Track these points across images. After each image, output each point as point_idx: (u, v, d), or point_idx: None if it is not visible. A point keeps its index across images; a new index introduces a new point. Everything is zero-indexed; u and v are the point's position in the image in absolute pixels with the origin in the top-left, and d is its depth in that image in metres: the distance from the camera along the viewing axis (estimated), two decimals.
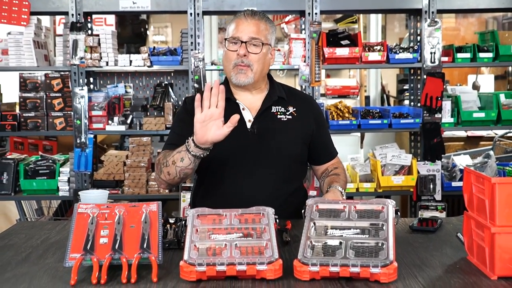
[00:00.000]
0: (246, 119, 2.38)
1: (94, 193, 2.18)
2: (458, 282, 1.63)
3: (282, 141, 2.38)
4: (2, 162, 4.20)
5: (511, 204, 1.62)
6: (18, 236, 2.16)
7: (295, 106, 2.46)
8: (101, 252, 1.71)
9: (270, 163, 2.36)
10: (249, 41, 2.33)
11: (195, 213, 1.82)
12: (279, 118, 2.41)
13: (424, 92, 4.15)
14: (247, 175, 2.35)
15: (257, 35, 2.34)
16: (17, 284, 1.65)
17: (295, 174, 2.47)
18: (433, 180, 4.12)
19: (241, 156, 2.35)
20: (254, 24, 2.35)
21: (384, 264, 1.60)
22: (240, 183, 2.34)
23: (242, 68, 2.33)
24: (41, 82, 4.30)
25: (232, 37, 2.34)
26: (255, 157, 2.35)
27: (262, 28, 2.36)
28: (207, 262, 1.62)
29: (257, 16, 2.37)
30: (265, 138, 2.36)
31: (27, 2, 4.12)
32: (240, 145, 2.34)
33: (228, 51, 2.35)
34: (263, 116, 2.40)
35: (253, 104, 2.42)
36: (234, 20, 2.39)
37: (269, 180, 2.36)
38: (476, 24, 9.66)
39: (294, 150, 2.42)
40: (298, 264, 1.64)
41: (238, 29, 2.34)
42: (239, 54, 2.32)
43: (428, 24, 4.13)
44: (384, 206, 1.79)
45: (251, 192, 2.32)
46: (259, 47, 2.34)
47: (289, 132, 2.40)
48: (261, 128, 2.37)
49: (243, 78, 2.34)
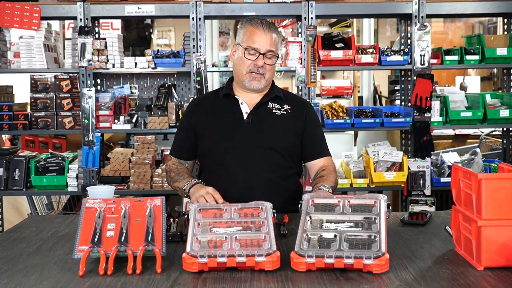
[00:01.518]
0: (243, 111, 2.47)
1: (101, 189, 2.18)
2: (447, 272, 1.63)
3: (274, 132, 2.44)
4: (14, 159, 4.19)
5: (497, 199, 1.62)
6: (29, 229, 2.16)
7: (291, 105, 2.53)
8: (108, 244, 1.71)
9: (263, 150, 2.42)
10: (266, 53, 2.40)
11: (197, 208, 1.82)
12: (274, 112, 2.48)
13: (414, 93, 4.14)
14: (243, 162, 2.40)
15: (272, 48, 2.42)
16: (28, 274, 1.65)
17: (287, 164, 2.48)
18: (423, 176, 4.11)
19: (237, 145, 2.42)
20: (271, 37, 2.42)
21: (376, 256, 1.60)
22: (236, 169, 2.40)
23: (256, 76, 2.42)
24: (51, 83, 4.29)
25: (251, 47, 2.40)
26: (250, 145, 2.41)
27: (275, 40, 2.44)
28: (208, 254, 1.62)
29: (272, 28, 2.44)
30: (259, 128, 2.43)
31: (38, 7, 4.11)
32: (236, 135, 2.43)
33: (245, 58, 2.41)
34: (259, 109, 2.47)
35: (252, 100, 2.49)
36: (248, 28, 2.44)
37: (263, 166, 2.41)
38: (463, 28, 9.66)
39: (287, 142, 2.46)
40: (295, 256, 1.64)
41: (256, 40, 2.40)
42: (257, 64, 2.40)
43: (418, 28, 4.12)
44: (376, 200, 1.79)
45: (246, 179, 2.38)
46: (274, 58, 2.44)
47: (283, 125, 2.46)
48: (256, 118, 2.45)
49: (257, 84, 2.43)
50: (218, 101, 2.52)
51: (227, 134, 2.43)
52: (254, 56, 2.40)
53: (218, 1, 4.12)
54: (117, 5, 4.14)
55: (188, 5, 4.10)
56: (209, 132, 2.47)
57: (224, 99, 2.51)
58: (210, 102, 2.55)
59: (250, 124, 2.44)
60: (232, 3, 4.14)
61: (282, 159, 2.45)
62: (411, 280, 1.57)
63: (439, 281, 1.56)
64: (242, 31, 2.45)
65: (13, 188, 4.17)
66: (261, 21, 2.44)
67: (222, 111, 2.49)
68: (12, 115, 4.21)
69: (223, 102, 2.51)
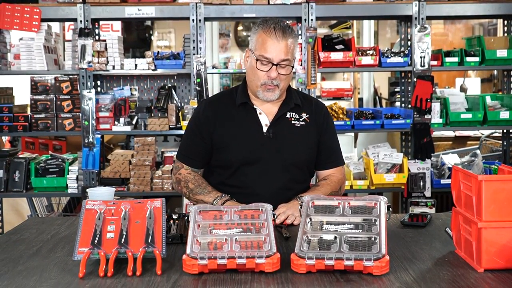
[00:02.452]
0: (262, 123, 2.36)
1: (101, 190, 2.18)
2: (447, 274, 1.63)
3: (295, 146, 2.36)
4: (14, 161, 4.20)
5: (497, 200, 1.62)
6: (29, 231, 2.16)
7: (308, 112, 2.42)
8: (108, 246, 1.71)
9: (283, 165, 2.34)
10: (280, 63, 2.24)
11: (197, 209, 1.82)
12: (293, 123, 2.38)
13: (415, 94, 4.15)
14: (261, 177, 2.33)
15: (287, 56, 2.24)
16: (28, 276, 1.65)
17: (305, 176, 2.45)
18: (423, 178, 4.12)
19: (256, 158, 2.33)
20: (284, 44, 2.23)
21: (376, 258, 1.59)
22: (254, 184, 2.33)
23: (271, 88, 2.27)
24: (51, 85, 4.29)
25: (263, 56, 2.24)
26: (271, 161, 2.33)
27: (290, 47, 2.26)
28: (208, 255, 1.62)
29: (287, 33, 2.25)
30: (280, 142, 2.34)
31: (38, 9, 4.12)
32: (256, 149, 2.33)
33: (258, 70, 2.26)
34: (279, 121, 2.36)
35: (270, 110, 2.38)
36: (261, 34, 2.26)
37: (281, 182, 2.34)
38: (463, 30, 9.66)
39: (306, 155, 2.40)
40: (295, 257, 1.64)
41: (269, 50, 2.23)
42: (270, 76, 2.24)
43: (418, 30, 4.12)
44: (376, 202, 1.79)
45: (263, 194, 2.28)
46: (289, 68, 2.28)
47: (302, 138, 2.38)
48: (277, 132, 2.35)
49: (271, 95, 2.30)
50: (235, 110, 2.38)
51: (247, 147, 2.33)
52: (267, 66, 2.24)
53: (218, 3, 4.13)
54: (117, 6, 4.14)
55: (188, 6, 4.10)
56: (228, 144, 2.35)
57: (242, 107, 2.37)
58: (227, 110, 2.39)
59: (270, 139, 2.33)
60: (232, 5, 4.14)
61: (300, 173, 2.40)
62: (411, 281, 1.57)
63: (439, 283, 1.56)
64: (255, 36, 2.28)
65: (13, 189, 4.18)
66: (275, 26, 2.25)
67: (241, 121, 2.36)
68: (12, 117, 4.21)
69: (240, 111, 2.37)
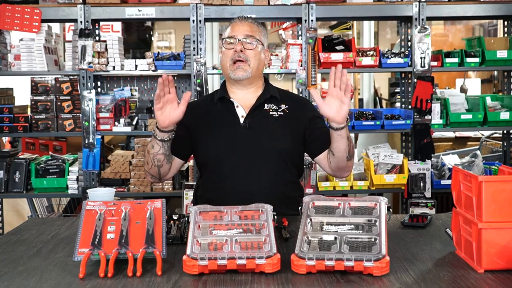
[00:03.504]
0: (239, 115, 2.40)
1: (102, 191, 2.18)
2: (447, 275, 1.63)
3: (273, 135, 2.38)
4: (15, 162, 4.20)
5: (497, 201, 1.62)
6: (29, 231, 2.16)
7: (288, 105, 2.46)
8: (108, 247, 1.71)
9: (263, 155, 2.36)
10: (245, 38, 2.39)
11: (198, 210, 1.82)
12: (271, 114, 2.41)
13: (415, 95, 4.15)
14: (241, 168, 2.34)
15: (251, 33, 2.40)
16: (28, 277, 1.65)
17: (288, 168, 2.42)
18: (423, 179, 4.12)
19: (235, 150, 2.36)
20: (248, 25, 2.43)
21: (377, 258, 1.59)
22: (236, 176, 2.34)
23: (240, 64, 2.37)
24: (52, 85, 4.29)
25: (228, 36, 2.41)
26: (249, 150, 2.35)
27: (255, 29, 2.43)
28: (208, 256, 1.62)
29: (250, 20, 2.46)
30: (257, 132, 2.37)
31: (39, 10, 4.12)
32: (234, 140, 2.37)
33: (226, 49, 2.40)
34: (256, 112, 2.41)
35: (247, 102, 2.43)
36: (229, 25, 2.47)
37: (263, 172, 2.35)
38: (464, 30, 9.67)
39: (284, 144, 2.39)
40: (295, 258, 1.64)
41: (234, 29, 2.42)
42: (236, 50, 2.36)
43: (418, 31, 4.12)
44: (377, 203, 1.79)
45: (246, 185, 2.32)
46: (255, 43, 2.40)
47: (280, 127, 2.39)
48: (253, 122, 2.38)
49: (242, 72, 2.37)
50: (213, 105, 2.45)
51: (224, 140, 2.36)
52: (233, 45, 2.39)
53: (218, 4, 4.13)
54: (118, 7, 4.14)
55: (189, 7, 4.10)
56: (206, 139, 2.39)
57: (220, 102, 2.44)
58: (205, 105, 2.49)
59: (247, 129, 2.37)
60: (233, 6, 4.14)
61: (282, 164, 2.39)
62: (412, 282, 1.57)
63: (439, 284, 1.56)
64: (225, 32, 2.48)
65: (14, 190, 4.18)
66: (242, 15, 2.51)
67: (217, 115, 2.42)
68: (13, 118, 4.21)
69: (218, 106, 2.44)
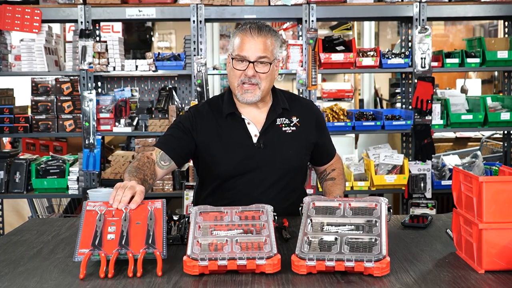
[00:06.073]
0: (252, 133, 2.30)
1: (102, 192, 2.18)
2: (448, 275, 1.63)
3: (287, 153, 2.31)
4: (15, 162, 4.20)
5: (498, 202, 1.62)
6: (30, 232, 2.16)
7: (298, 115, 2.37)
8: (108, 247, 1.71)
9: (275, 173, 2.30)
10: (257, 60, 2.18)
11: (198, 211, 1.82)
12: (284, 130, 2.32)
13: (415, 96, 4.15)
14: (254, 184, 2.29)
15: (264, 53, 2.18)
16: (29, 277, 1.65)
17: (299, 180, 2.43)
18: (423, 179, 4.11)
19: (248, 168, 2.28)
20: (261, 41, 2.18)
21: (377, 259, 1.59)
22: (248, 194, 2.27)
23: (249, 88, 2.20)
24: (52, 86, 4.30)
25: (238, 55, 2.18)
26: (262, 169, 2.29)
27: (268, 44, 2.20)
28: (209, 257, 1.62)
29: (263, 32, 2.19)
30: (272, 152, 2.29)
31: (39, 10, 4.12)
32: (247, 159, 2.28)
33: (235, 69, 2.20)
34: (268, 130, 2.31)
35: (258, 118, 2.31)
36: (238, 35, 2.21)
37: (274, 185, 2.31)
38: (464, 31, 9.66)
39: (299, 161, 2.36)
40: (296, 258, 1.64)
41: (244, 48, 2.17)
42: (247, 74, 2.18)
43: (419, 31, 4.13)
44: (377, 203, 1.79)
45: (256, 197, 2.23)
46: (267, 65, 2.20)
47: (294, 143, 2.33)
48: (267, 142, 2.29)
49: (251, 97, 2.21)
50: (223, 119, 2.31)
51: (237, 159, 2.26)
52: (243, 65, 2.17)
53: (219, 4, 4.13)
54: (118, 8, 4.14)
55: (189, 8, 4.11)
56: (217, 156, 2.28)
57: (229, 117, 2.30)
58: (213, 118, 2.32)
59: (261, 149, 2.27)
60: (233, 6, 4.14)
61: (294, 178, 2.36)
62: (412, 283, 1.57)
63: (440, 284, 1.56)
64: (233, 39, 2.22)
65: (14, 191, 4.18)
66: (250, 25, 2.19)
67: (229, 133, 2.29)
68: (13, 118, 4.22)
69: (228, 121, 2.30)
